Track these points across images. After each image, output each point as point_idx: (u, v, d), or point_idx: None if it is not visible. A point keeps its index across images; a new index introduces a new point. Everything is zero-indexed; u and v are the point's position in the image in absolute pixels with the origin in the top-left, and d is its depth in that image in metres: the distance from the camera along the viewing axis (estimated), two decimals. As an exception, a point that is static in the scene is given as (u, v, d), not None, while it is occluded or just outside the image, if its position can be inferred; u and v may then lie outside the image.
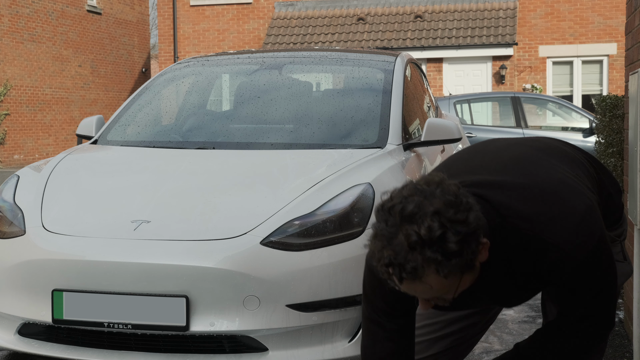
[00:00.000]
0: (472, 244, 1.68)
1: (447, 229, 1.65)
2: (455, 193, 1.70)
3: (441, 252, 1.65)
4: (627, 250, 4.22)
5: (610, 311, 1.94)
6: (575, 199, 1.86)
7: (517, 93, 12.98)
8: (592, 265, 1.84)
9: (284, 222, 3.36)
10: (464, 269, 1.70)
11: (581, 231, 1.84)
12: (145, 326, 3.25)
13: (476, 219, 1.69)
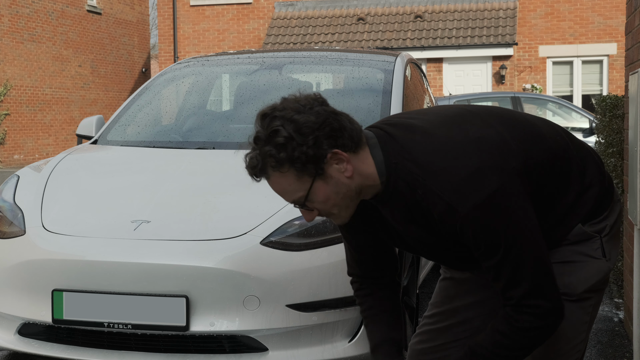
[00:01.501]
0: (304, 142, 1.79)
1: (282, 126, 1.80)
2: (310, 105, 1.83)
3: (273, 145, 1.80)
4: (628, 250, 4.21)
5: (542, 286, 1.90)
6: (475, 157, 1.88)
7: (517, 93, 12.98)
8: (483, 223, 1.85)
9: (284, 222, 3.36)
10: (299, 167, 1.81)
11: (465, 186, 1.85)
12: (145, 326, 3.25)
13: (315, 124, 1.80)
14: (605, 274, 2.11)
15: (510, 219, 1.87)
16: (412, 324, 3.98)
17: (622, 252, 5.01)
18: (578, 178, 2.08)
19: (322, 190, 1.87)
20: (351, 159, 1.86)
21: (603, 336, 4.45)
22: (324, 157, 1.82)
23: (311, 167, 1.83)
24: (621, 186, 5.18)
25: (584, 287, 2.10)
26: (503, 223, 1.86)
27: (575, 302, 2.09)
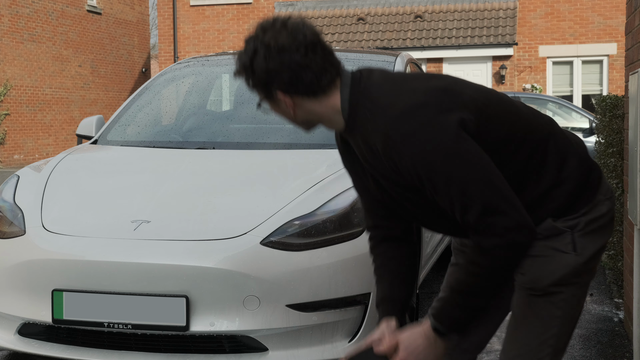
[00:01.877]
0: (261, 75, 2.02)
1: (257, 47, 2.05)
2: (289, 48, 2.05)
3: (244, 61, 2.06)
4: (628, 250, 4.21)
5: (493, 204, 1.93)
6: (421, 95, 1.98)
7: (517, 93, 12.98)
8: (418, 151, 1.93)
9: (284, 222, 3.36)
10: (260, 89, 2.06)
11: (402, 117, 1.96)
12: (145, 326, 3.25)
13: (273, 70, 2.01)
14: (573, 267, 2.09)
15: (446, 146, 1.92)
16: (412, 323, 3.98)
17: (622, 252, 5.01)
18: (554, 171, 2.09)
19: (272, 107, 2.13)
20: (305, 102, 2.06)
21: (603, 336, 4.45)
22: (272, 93, 2.06)
23: (262, 92, 2.08)
24: (621, 186, 5.18)
25: (549, 281, 2.09)
26: (438, 150, 1.92)
27: (542, 297, 2.10)
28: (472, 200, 1.93)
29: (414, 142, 1.93)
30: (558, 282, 2.08)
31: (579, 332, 4.52)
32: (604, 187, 2.17)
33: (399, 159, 1.96)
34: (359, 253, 3.38)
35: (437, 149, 1.92)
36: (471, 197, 1.93)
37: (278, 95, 2.06)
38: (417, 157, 1.93)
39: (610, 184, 2.22)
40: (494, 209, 1.93)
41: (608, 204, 2.17)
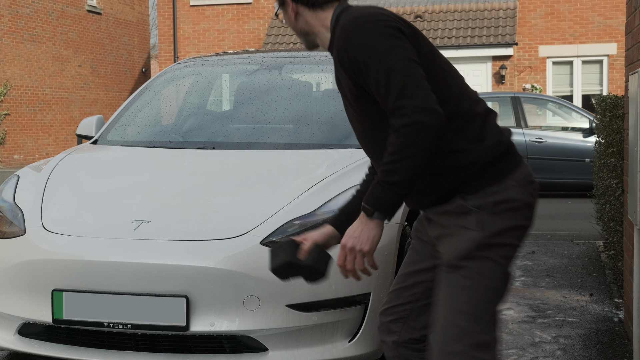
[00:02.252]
0: None
1: None
2: None
3: None
4: (628, 250, 4.21)
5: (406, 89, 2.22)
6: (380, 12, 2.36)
7: (517, 93, 12.98)
8: (354, 40, 2.30)
9: (284, 222, 3.36)
10: None
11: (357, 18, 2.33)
12: (145, 326, 3.26)
13: None
14: (478, 242, 2.26)
15: (384, 38, 2.27)
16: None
17: (622, 252, 5.02)
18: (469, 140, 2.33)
19: (283, 14, 2.54)
20: (305, 12, 2.48)
21: (603, 336, 4.46)
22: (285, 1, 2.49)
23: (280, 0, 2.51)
24: (621, 186, 5.18)
25: (456, 255, 2.29)
26: (370, 40, 2.27)
27: (453, 272, 2.30)
28: (392, 84, 2.23)
29: (362, 32, 2.29)
30: (464, 256, 2.28)
31: (579, 332, 4.53)
32: (520, 176, 2.33)
33: (346, 50, 2.31)
34: (359, 253, 3.38)
35: (377, 39, 2.27)
36: (393, 82, 2.23)
37: (287, 4, 2.49)
38: (361, 45, 2.28)
39: (533, 178, 2.39)
40: (408, 94, 2.21)
41: (520, 191, 2.32)
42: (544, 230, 8.59)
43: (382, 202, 2.26)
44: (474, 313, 2.28)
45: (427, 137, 2.20)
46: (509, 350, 4.19)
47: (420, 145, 2.20)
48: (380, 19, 2.32)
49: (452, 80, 2.39)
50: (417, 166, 2.22)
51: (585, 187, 11.01)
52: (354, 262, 2.32)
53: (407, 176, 2.22)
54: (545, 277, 6.02)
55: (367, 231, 2.30)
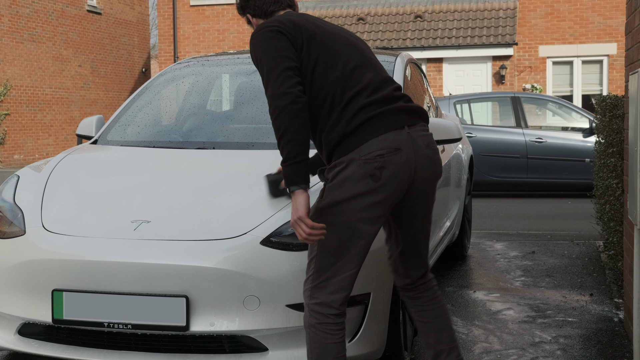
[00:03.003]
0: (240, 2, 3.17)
1: None
2: None
3: None
4: (628, 250, 4.20)
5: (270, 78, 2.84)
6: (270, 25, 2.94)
7: (517, 93, 12.98)
8: (252, 52, 2.95)
9: (283, 222, 3.36)
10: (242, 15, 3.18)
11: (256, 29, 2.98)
12: (145, 326, 3.26)
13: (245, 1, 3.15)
14: (316, 209, 2.86)
15: (263, 47, 2.89)
16: (412, 324, 3.98)
17: (622, 252, 5.02)
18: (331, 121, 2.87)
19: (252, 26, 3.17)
20: (258, 21, 3.13)
21: (603, 336, 4.46)
22: (245, 15, 3.17)
23: (244, 16, 3.18)
24: (621, 186, 5.18)
25: None
26: (259, 47, 2.90)
27: None
28: (264, 77, 2.87)
29: (255, 38, 2.94)
30: (311, 219, 2.83)
31: (579, 332, 4.53)
32: (365, 150, 2.80)
33: (251, 54, 2.97)
34: (359, 253, 3.38)
35: (260, 42, 2.91)
36: (264, 75, 2.87)
37: (249, 17, 3.15)
38: (253, 49, 2.94)
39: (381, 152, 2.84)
40: (270, 84, 2.83)
41: (360, 164, 2.80)
42: (544, 230, 8.59)
43: (290, 177, 2.79)
44: (318, 265, 2.90)
45: (285, 117, 2.76)
46: (509, 350, 4.19)
47: (283, 125, 2.76)
48: (267, 26, 2.93)
49: (331, 72, 2.91)
50: (291, 141, 2.76)
51: (585, 187, 11.01)
52: (302, 231, 2.77)
53: (289, 149, 2.76)
54: (545, 277, 6.02)
55: (293, 204, 2.80)
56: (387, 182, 2.81)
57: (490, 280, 5.92)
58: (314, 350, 2.90)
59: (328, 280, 2.88)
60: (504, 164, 12.08)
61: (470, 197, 6.86)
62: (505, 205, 11.24)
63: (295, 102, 2.77)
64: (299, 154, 2.76)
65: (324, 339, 2.88)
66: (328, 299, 2.88)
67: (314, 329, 2.89)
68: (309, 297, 2.91)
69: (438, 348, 3.10)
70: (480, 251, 7.16)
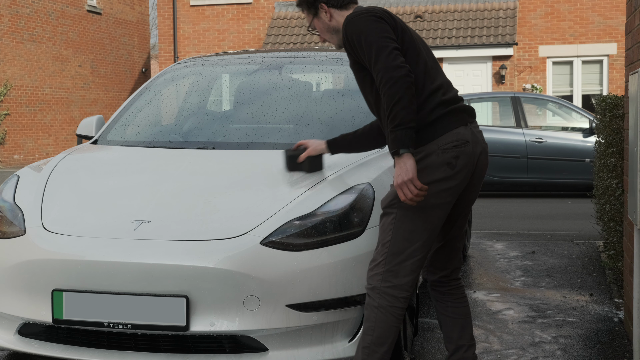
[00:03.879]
0: None
1: None
2: None
3: None
4: (628, 250, 4.21)
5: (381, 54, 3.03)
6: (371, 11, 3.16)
7: (517, 93, 12.98)
8: (353, 29, 3.12)
9: (283, 222, 3.36)
10: (310, 8, 3.32)
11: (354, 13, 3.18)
12: (145, 326, 3.26)
13: None
14: (395, 195, 3.09)
15: (368, 28, 3.08)
16: (412, 324, 3.98)
17: (622, 252, 5.02)
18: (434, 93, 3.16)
19: (317, 24, 3.34)
20: (335, 13, 3.30)
21: (603, 336, 4.46)
22: (317, 7, 3.30)
23: (312, 9, 3.32)
24: (621, 186, 5.18)
25: (383, 205, 3.18)
26: (359, 26, 3.10)
27: (383, 216, 3.17)
28: (372, 54, 3.05)
29: (354, 21, 3.13)
30: (388, 205, 3.14)
31: (579, 332, 4.53)
32: (443, 141, 3.10)
33: (345, 34, 3.14)
34: (359, 253, 3.38)
35: (364, 24, 3.10)
36: (375, 49, 3.04)
37: (320, 9, 3.29)
38: (353, 29, 3.11)
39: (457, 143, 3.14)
40: (381, 59, 3.02)
41: (438, 154, 3.09)
42: (544, 230, 8.59)
43: (399, 141, 2.97)
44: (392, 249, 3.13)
45: (401, 86, 2.97)
46: (509, 350, 4.19)
47: (399, 93, 2.96)
48: (368, 11, 3.13)
49: (415, 66, 3.14)
50: (406, 107, 2.97)
51: (585, 187, 11.01)
52: (410, 191, 2.98)
53: (404, 115, 2.96)
54: (545, 277, 6.02)
55: (403, 166, 2.99)
56: (460, 169, 3.11)
57: (490, 280, 5.92)
58: (377, 330, 3.11)
59: (400, 264, 3.11)
60: (504, 164, 12.07)
61: (470, 197, 6.85)
62: (505, 205, 11.24)
63: (409, 75, 3.00)
64: (412, 120, 2.98)
65: (391, 321, 3.11)
66: (401, 281, 3.10)
67: (383, 310, 3.10)
68: (381, 280, 3.11)
69: (460, 343, 3.36)
70: (480, 251, 7.16)
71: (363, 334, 3.16)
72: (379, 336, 3.11)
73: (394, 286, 3.10)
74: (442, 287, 3.40)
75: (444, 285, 3.39)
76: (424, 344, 4.29)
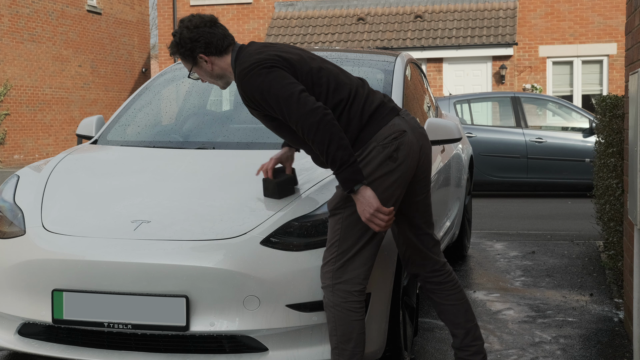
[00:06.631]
0: (187, 44, 3.23)
1: (177, 34, 3.27)
2: (197, 25, 3.23)
3: (172, 43, 3.31)
4: (628, 250, 4.20)
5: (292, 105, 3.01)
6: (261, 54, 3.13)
7: (517, 93, 12.98)
8: (249, 83, 3.09)
9: (283, 222, 3.36)
10: (188, 59, 3.26)
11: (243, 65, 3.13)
12: (145, 326, 3.26)
13: (190, 39, 3.22)
14: (340, 197, 3.12)
15: (264, 82, 3.05)
16: (412, 324, 3.98)
17: (622, 252, 5.02)
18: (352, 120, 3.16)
19: (197, 71, 3.30)
20: (216, 60, 3.23)
21: (603, 336, 4.46)
22: (195, 57, 3.24)
23: (190, 60, 3.26)
24: (621, 186, 5.18)
25: (331, 207, 3.17)
26: (261, 85, 3.05)
27: (331, 217, 3.17)
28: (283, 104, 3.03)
29: (249, 78, 3.08)
30: (335, 207, 3.15)
31: (579, 332, 4.53)
32: (381, 137, 3.11)
33: (244, 93, 3.13)
34: (359, 253, 3.38)
35: (257, 80, 3.07)
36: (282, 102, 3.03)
37: (200, 58, 3.23)
38: (251, 89, 3.09)
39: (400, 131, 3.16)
40: (294, 109, 3.02)
41: (379, 150, 3.10)
42: (544, 230, 8.59)
43: (349, 180, 3.00)
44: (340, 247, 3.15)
45: (325, 128, 2.98)
46: (509, 350, 4.19)
47: (327, 136, 2.98)
48: (257, 64, 3.07)
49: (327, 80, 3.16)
50: (340, 146, 2.98)
51: (585, 187, 11.01)
52: (381, 220, 3.02)
53: (342, 155, 2.98)
54: (545, 277, 6.02)
55: (363, 201, 3.02)
56: (403, 160, 3.12)
57: (490, 280, 5.92)
58: (339, 329, 3.13)
59: (349, 260, 3.13)
60: (504, 164, 12.08)
61: (470, 197, 6.86)
62: (505, 205, 11.24)
63: (327, 114, 3.00)
64: (351, 155, 3.00)
65: (349, 316, 3.12)
66: (351, 275, 3.12)
67: (339, 307, 3.11)
68: (331, 278, 3.13)
69: (468, 326, 3.43)
70: (480, 251, 7.16)
71: (329, 337, 3.17)
72: (343, 334, 3.13)
73: (345, 281, 3.12)
74: (438, 275, 3.42)
75: (439, 274, 3.42)
76: (424, 344, 4.29)
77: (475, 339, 3.44)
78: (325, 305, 3.16)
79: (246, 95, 3.11)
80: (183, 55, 3.25)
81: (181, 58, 3.27)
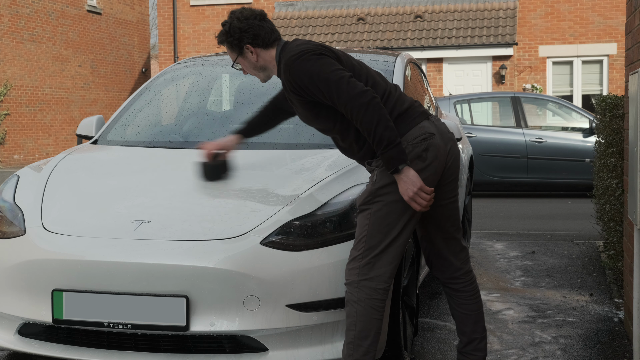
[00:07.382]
0: (235, 34, 3.29)
1: (227, 24, 3.33)
2: (247, 17, 3.31)
3: (221, 32, 3.35)
4: (628, 250, 4.20)
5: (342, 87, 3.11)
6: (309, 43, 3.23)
7: (517, 93, 12.97)
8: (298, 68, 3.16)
9: (284, 222, 3.36)
10: (234, 48, 3.32)
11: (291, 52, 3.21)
12: (145, 326, 3.26)
13: (240, 29, 3.29)
14: (370, 192, 3.20)
15: (315, 67, 3.13)
16: (412, 324, 3.98)
17: (622, 252, 5.02)
18: None
19: (241, 62, 3.38)
20: (261, 52, 3.33)
21: (603, 336, 4.46)
22: (242, 47, 3.32)
23: (237, 49, 3.33)
24: (621, 186, 5.18)
25: (360, 202, 3.23)
26: (310, 70, 3.13)
27: (360, 212, 3.23)
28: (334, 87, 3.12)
29: (292, 64, 3.17)
30: (363, 202, 3.21)
31: (579, 332, 4.53)
32: (411, 137, 3.19)
33: (291, 78, 3.18)
34: (359, 253, 3.38)
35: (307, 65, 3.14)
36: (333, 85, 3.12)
37: (246, 49, 3.31)
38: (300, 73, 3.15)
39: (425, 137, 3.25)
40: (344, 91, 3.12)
41: (408, 149, 3.18)
42: (544, 230, 8.59)
43: (394, 159, 3.09)
44: (368, 243, 3.18)
45: (374, 109, 3.08)
46: (509, 350, 4.19)
47: (375, 116, 3.07)
48: (306, 51, 3.16)
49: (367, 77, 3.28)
50: (387, 127, 3.08)
51: (585, 187, 11.01)
52: (422, 199, 3.12)
53: (389, 135, 3.08)
54: (545, 277, 6.02)
55: (407, 180, 3.12)
56: (431, 162, 3.19)
57: (490, 280, 5.92)
58: (359, 324, 3.16)
59: (377, 257, 3.17)
60: (504, 164, 12.08)
61: (470, 197, 6.85)
62: (505, 205, 11.24)
63: (375, 97, 3.12)
64: (397, 136, 3.10)
65: (371, 314, 3.15)
66: (378, 272, 3.16)
67: (362, 303, 3.15)
68: (358, 274, 3.17)
69: (473, 336, 3.48)
70: (480, 251, 7.16)
71: (346, 331, 3.20)
72: (362, 330, 3.16)
73: (371, 278, 3.15)
74: (457, 282, 3.50)
75: (459, 281, 3.49)
76: (424, 344, 4.29)
77: (476, 350, 3.49)
78: (347, 301, 3.19)
79: (293, 80, 3.17)
80: (230, 44, 3.31)
81: (228, 47, 3.33)
